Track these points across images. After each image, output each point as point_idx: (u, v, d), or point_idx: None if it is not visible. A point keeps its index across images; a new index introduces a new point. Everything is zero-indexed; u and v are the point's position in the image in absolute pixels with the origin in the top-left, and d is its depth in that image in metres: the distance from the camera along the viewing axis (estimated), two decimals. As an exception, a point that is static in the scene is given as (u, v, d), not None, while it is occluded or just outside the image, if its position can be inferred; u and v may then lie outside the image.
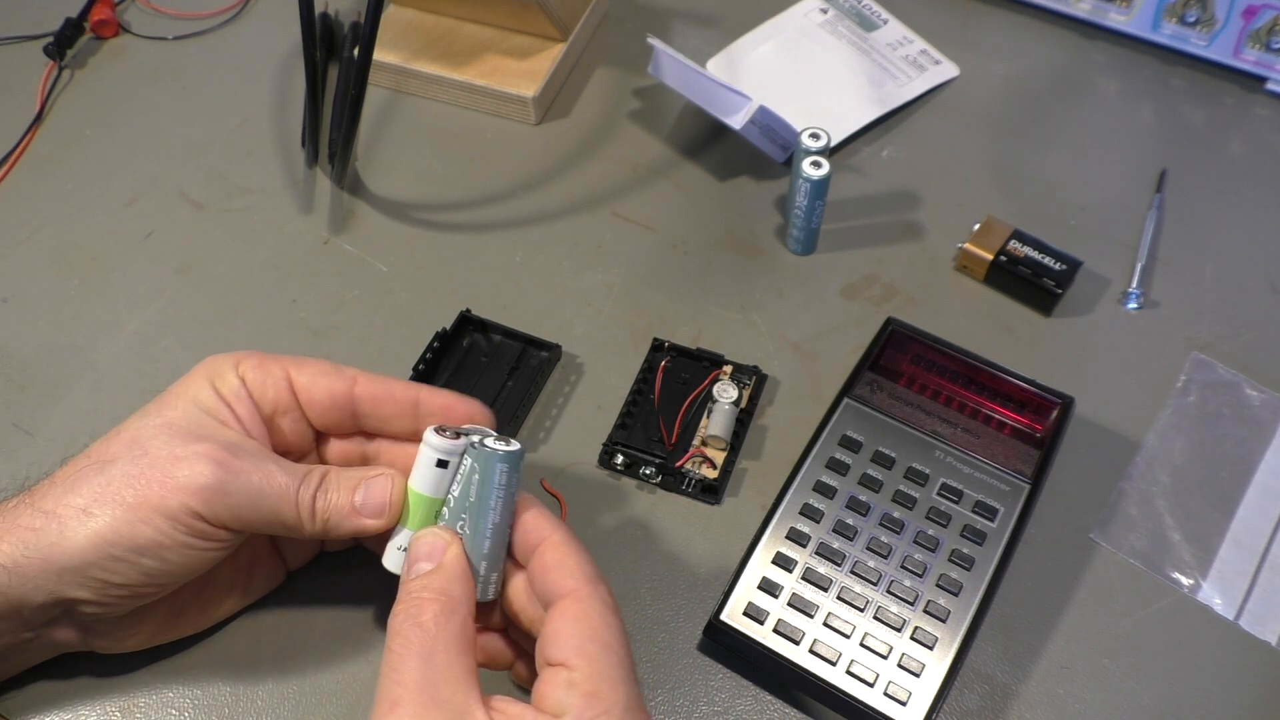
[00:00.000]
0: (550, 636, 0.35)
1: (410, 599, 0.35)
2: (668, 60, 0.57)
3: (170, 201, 0.59)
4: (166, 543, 0.36)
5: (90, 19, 0.67)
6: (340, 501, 0.38)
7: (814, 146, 0.52)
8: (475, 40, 0.65)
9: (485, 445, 0.37)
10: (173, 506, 0.35)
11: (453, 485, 0.38)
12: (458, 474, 0.38)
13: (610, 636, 0.35)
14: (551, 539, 0.37)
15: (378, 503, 0.38)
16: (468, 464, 0.37)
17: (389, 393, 0.40)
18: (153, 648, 0.42)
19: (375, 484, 0.38)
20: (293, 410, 0.40)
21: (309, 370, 0.40)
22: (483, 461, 0.37)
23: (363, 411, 0.41)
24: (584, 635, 0.34)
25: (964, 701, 0.42)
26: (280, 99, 0.65)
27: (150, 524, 0.35)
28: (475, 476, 0.37)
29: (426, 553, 0.36)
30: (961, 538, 0.44)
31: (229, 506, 0.36)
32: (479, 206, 0.59)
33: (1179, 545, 0.46)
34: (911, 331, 0.50)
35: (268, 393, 0.40)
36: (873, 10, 0.68)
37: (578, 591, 0.35)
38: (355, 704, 0.42)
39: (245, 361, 0.40)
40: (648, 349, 0.52)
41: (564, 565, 0.36)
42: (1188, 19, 0.63)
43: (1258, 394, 0.51)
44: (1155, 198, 0.58)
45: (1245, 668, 0.43)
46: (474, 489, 0.37)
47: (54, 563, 0.35)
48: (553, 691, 0.33)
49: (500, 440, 0.38)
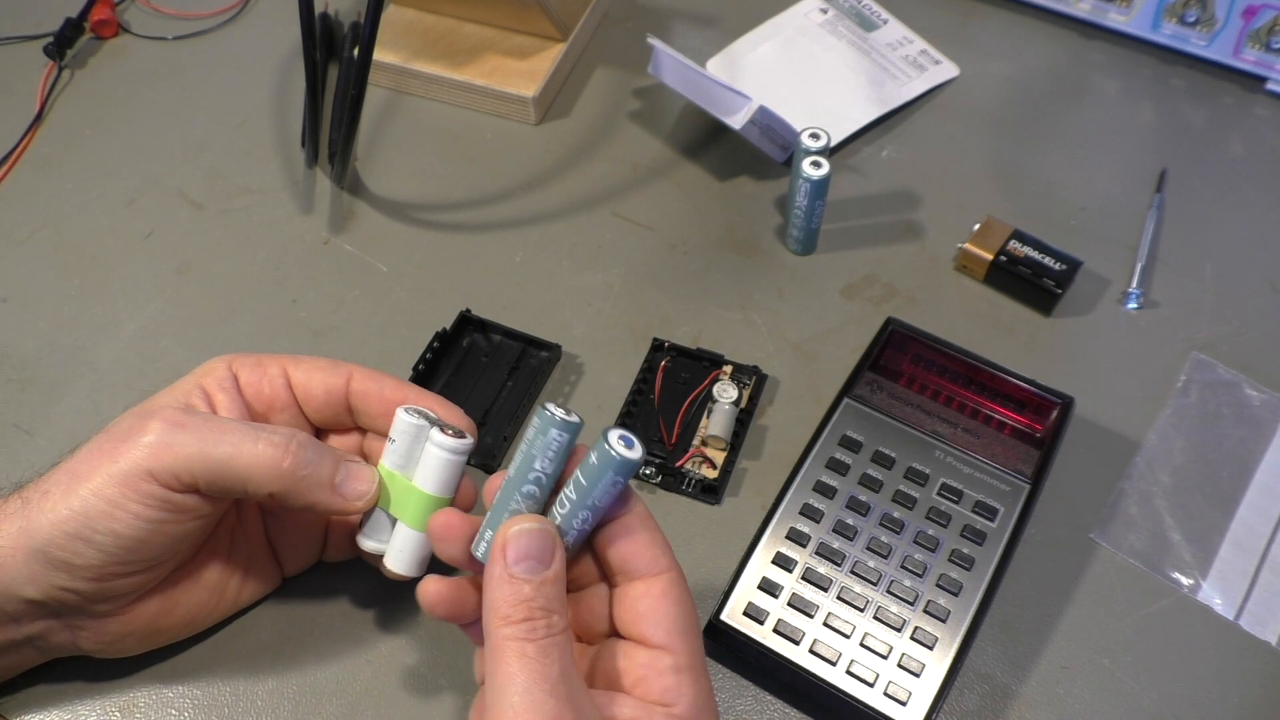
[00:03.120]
0: (650, 617, 0.34)
1: (522, 605, 0.32)
2: (668, 60, 0.57)
3: (170, 201, 0.59)
4: (117, 513, 0.35)
5: (90, 19, 0.67)
6: (320, 470, 0.37)
7: (814, 146, 0.52)
8: (475, 40, 0.65)
9: (605, 438, 0.33)
10: (123, 469, 0.35)
11: (539, 465, 0.34)
12: (419, 452, 0.38)
13: (697, 622, 0.35)
14: (638, 509, 0.35)
15: (361, 480, 0.38)
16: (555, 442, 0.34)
17: (379, 391, 0.40)
18: (152, 650, 0.42)
19: (356, 466, 0.38)
20: (290, 406, 0.40)
21: (305, 366, 0.40)
22: (597, 453, 0.33)
23: (355, 407, 0.41)
24: (685, 620, 0.34)
25: (964, 701, 0.42)
26: (280, 99, 0.65)
27: (101, 495, 0.35)
28: (591, 461, 0.33)
29: (538, 551, 0.33)
30: (961, 538, 0.44)
31: (179, 459, 0.35)
32: (479, 206, 0.59)
33: (1179, 545, 0.46)
34: (911, 331, 0.50)
35: (263, 389, 0.40)
36: (873, 10, 0.68)
37: (673, 571, 0.35)
38: (355, 704, 0.42)
39: (241, 359, 0.40)
40: (648, 349, 0.52)
41: (656, 541, 0.35)
42: (1188, 19, 0.63)
43: (1258, 394, 0.51)
44: (1155, 198, 0.58)
45: (1245, 668, 0.43)
46: (586, 477, 0.34)
47: (25, 549, 0.35)
48: (659, 678, 0.33)
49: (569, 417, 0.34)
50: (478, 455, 0.48)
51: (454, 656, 0.43)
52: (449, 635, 0.44)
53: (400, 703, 0.42)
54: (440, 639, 0.44)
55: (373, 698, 0.42)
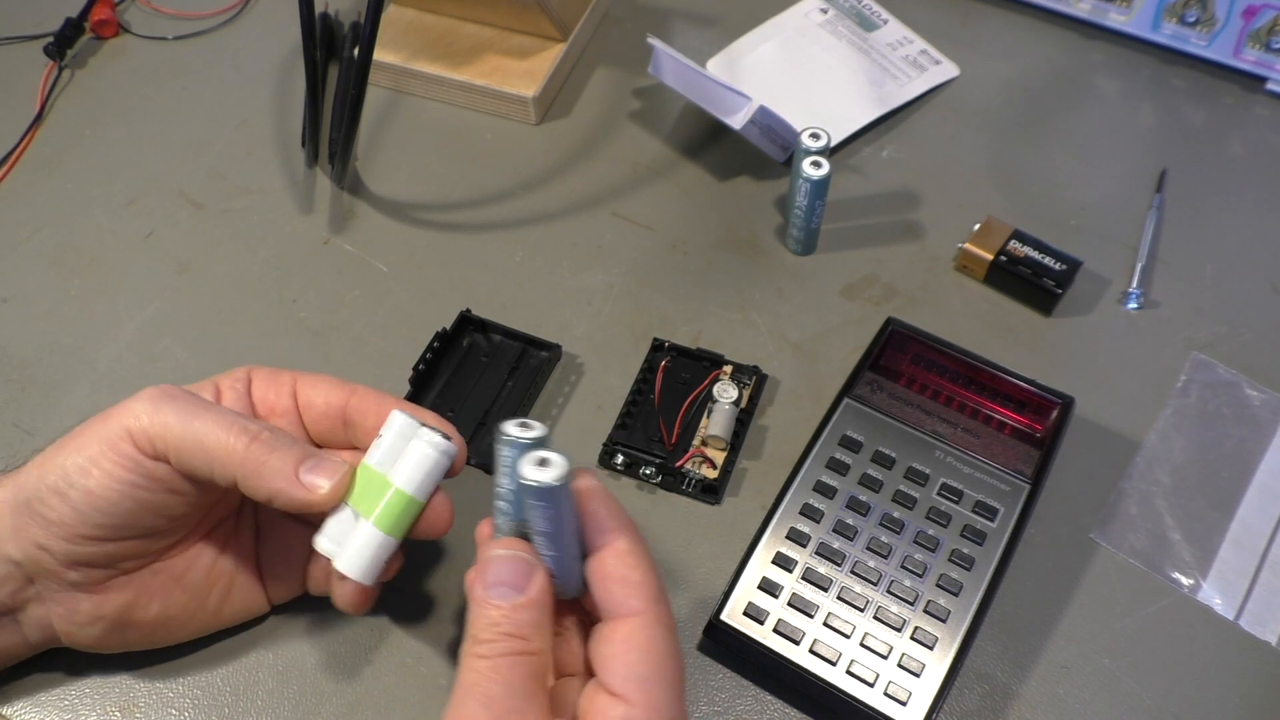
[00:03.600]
0: (609, 662, 0.33)
1: (490, 628, 0.33)
2: (668, 60, 0.57)
3: (170, 201, 0.59)
4: (93, 470, 0.36)
5: (90, 19, 0.67)
6: (284, 459, 0.37)
7: (814, 146, 0.52)
8: (475, 40, 0.65)
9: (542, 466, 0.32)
10: (109, 429, 0.36)
11: (499, 480, 0.34)
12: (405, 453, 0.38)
13: (670, 668, 0.33)
14: (617, 545, 0.34)
15: (326, 470, 0.38)
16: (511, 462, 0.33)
17: (376, 406, 0.40)
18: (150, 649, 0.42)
19: (324, 460, 0.38)
20: (290, 415, 0.41)
21: (313, 381, 0.41)
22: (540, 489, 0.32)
23: (351, 420, 0.41)
24: (646, 668, 0.32)
25: (964, 701, 0.42)
26: (280, 99, 0.65)
27: (82, 451, 0.36)
28: (535, 503, 0.33)
29: (511, 577, 0.34)
30: (961, 538, 0.44)
31: (155, 424, 0.36)
32: (479, 206, 0.59)
33: (1179, 545, 0.46)
34: (911, 331, 0.50)
35: (269, 396, 0.41)
36: (873, 10, 0.68)
37: (644, 615, 0.33)
38: (355, 704, 0.42)
39: (260, 369, 0.41)
40: (648, 349, 0.52)
41: (629, 581, 0.34)
42: (1188, 19, 0.63)
43: (1258, 394, 0.51)
44: (1155, 198, 0.58)
45: (1245, 668, 0.43)
46: (539, 513, 0.33)
47: (10, 504, 0.37)
48: None
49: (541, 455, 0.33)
50: (478, 455, 0.48)
51: (454, 657, 0.43)
52: (449, 636, 0.44)
53: (400, 703, 0.42)
54: (440, 639, 0.44)
55: (373, 698, 0.42)
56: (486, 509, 0.47)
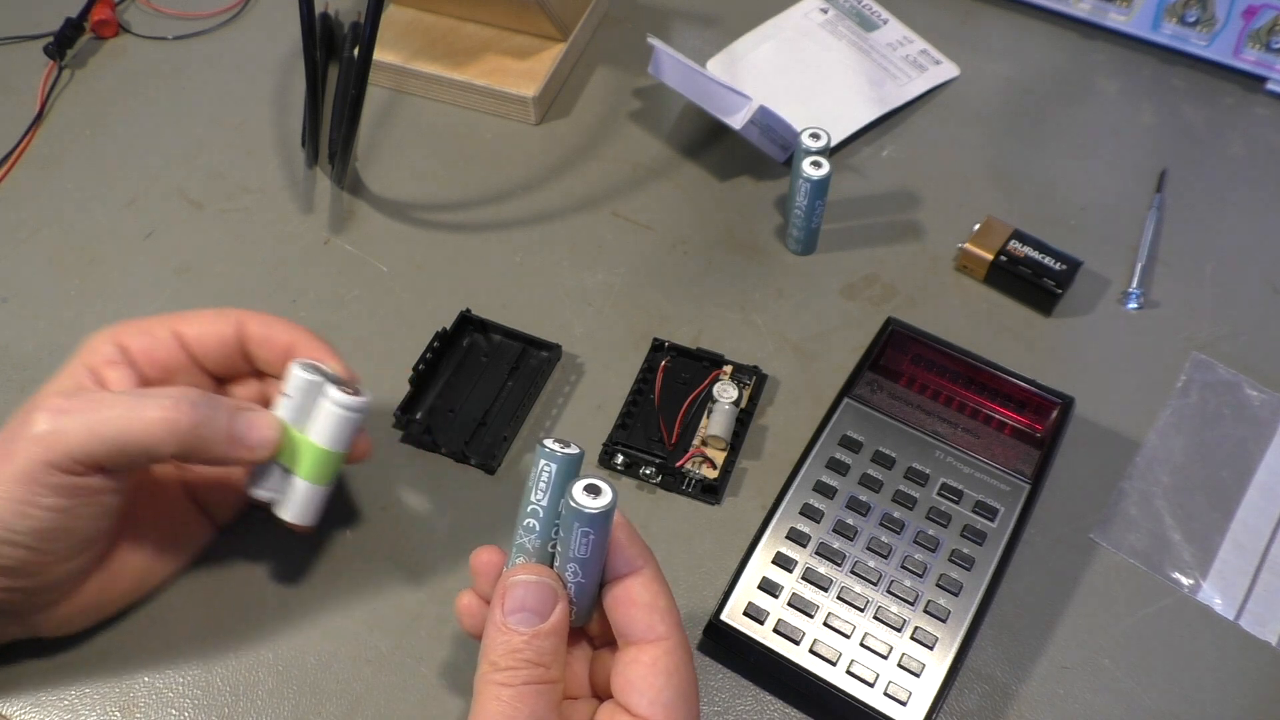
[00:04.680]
0: (635, 684, 0.33)
1: (511, 654, 0.33)
2: (668, 60, 0.57)
3: (170, 201, 0.59)
4: (30, 510, 0.35)
5: (90, 19, 0.67)
6: (217, 423, 0.36)
7: (814, 146, 0.52)
8: (475, 40, 0.65)
9: (578, 494, 0.32)
10: (21, 468, 0.34)
11: (534, 497, 0.34)
12: (315, 411, 0.39)
13: (693, 693, 0.34)
14: (645, 573, 0.35)
15: (258, 433, 0.38)
16: (551, 481, 0.33)
17: (271, 335, 0.41)
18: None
19: (254, 415, 0.38)
20: (187, 366, 0.41)
21: (194, 320, 0.41)
22: (583, 517, 0.32)
23: (250, 352, 0.41)
24: (673, 692, 0.33)
25: (964, 701, 0.42)
26: (280, 99, 0.65)
27: (9, 498, 0.34)
28: (576, 525, 0.33)
29: (535, 603, 0.33)
30: (961, 538, 0.44)
31: (73, 443, 0.35)
32: (479, 206, 0.59)
33: (1179, 545, 0.46)
34: (911, 331, 0.50)
35: (157, 353, 0.40)
36: (873, 10, 0.68)
37: (669, 640, 0.34)
38: (355, 704, 0.42)
39: (125, 330, 0.40)
40: (648, 349, 0.52)
41: (656, 607, 0.34)
42: (1188, 19, 0.63)
43: (1258, 394, 0.51)
44: (1155, 198, 0.58)
45: (1245, 668, 0.43)
46: (564, 529, 0.33)
47: None
48: None
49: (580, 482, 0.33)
50: (478, 455, 0.48)
51: (455, 658, 0.43)
52: (449, 636, 0.44)
53: (400, 703, 0.42)
54: (441, 640, 0.44)
55: (373, 698, 0.42)
56: (487, 509, 0.47)
